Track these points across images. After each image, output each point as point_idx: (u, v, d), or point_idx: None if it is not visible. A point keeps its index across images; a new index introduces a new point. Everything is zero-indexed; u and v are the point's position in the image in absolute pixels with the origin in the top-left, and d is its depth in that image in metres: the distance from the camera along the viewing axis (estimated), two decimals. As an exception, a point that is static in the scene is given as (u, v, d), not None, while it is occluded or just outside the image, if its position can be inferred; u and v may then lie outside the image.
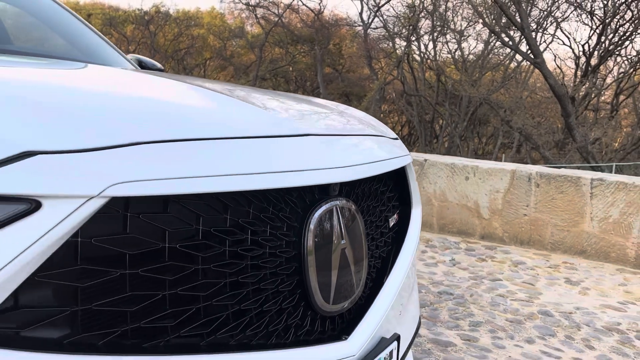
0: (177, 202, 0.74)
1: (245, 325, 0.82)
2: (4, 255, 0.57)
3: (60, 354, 0.63)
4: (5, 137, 0.62)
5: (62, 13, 2.33)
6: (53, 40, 2.10)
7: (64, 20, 2.29)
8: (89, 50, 2.13)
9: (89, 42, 2.23)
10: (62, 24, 2.25)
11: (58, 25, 2.23)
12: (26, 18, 2.20)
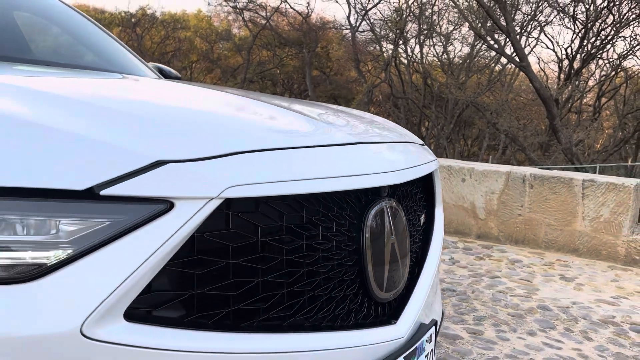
0: (265, 202, 0.86)
1: (317, 309, 0.94)
2: (149, 247, 0.69)
3: (182, 330, 0.75)
4: (137, 149, 0.74)
5: (85, 22, 2.43)
6: (81, 51, 2.19)
7: (88, 29, 2.38)
8: (115, 60, 2.23)
9: (114, 51, 2.33)
10: (86, 33, 2.35)
11: (84, 35, 2.32)
12: (53, 29, 2.29)
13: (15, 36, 1.97)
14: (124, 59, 2.29)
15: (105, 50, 2.29)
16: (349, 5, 23.66)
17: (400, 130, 1.50)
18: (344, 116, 1.39)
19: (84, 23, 2.43)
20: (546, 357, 2.41)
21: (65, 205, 0.67)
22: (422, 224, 1.40)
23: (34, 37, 2.11)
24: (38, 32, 2.16)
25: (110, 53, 2.28)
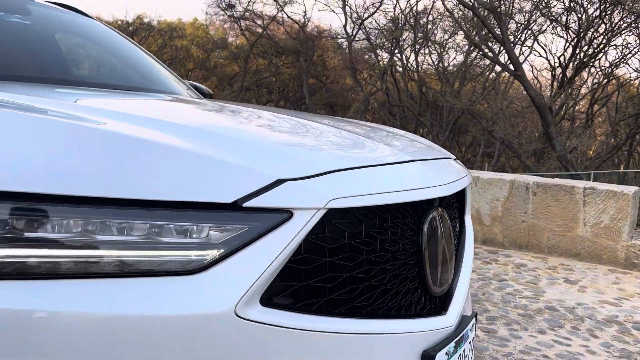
0: (348, 211, 1.05)
1: (388, 300, 1.14)
2: (278, 247, 0.88)
3: (296, 313, 0.93)
4: (263, 170, 0.93)
5: (125, 42, 2.61)
6: (130, 72, 2.37)
7: (131, 50, 2.57)
8: (165, 81, 2.40)
9: (161, 71, 2.51)
10: (131, 54, 2.53)
11: (130, 57, 2.50)
12: (99, 50, 2.46)
13: (63, 60, 2.15)
14: (169, 79, 2.48)
15: (154, 71, 2.46)
16: (345, 14, 23.97)
17: (436, 147, 1.70)
18: (395, 136, 1.58)
19: (127, 44, 2.61)
20: (557, 353, 2.61)
21: (217, 214, 0.86)
22: (457, 228, 1.60)
23: (87, 61, 2.29)
24: (91, 56, 2.34)
25: (159, 74, 2.45)
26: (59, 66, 2.04)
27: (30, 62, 1.91)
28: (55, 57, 2.08)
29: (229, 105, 1.87)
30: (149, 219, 0.82)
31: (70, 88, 1.69)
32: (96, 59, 2.38)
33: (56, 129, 0.95)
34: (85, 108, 1.30)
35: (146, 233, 0.82)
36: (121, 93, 1.80)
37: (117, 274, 0.80)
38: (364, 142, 1.35)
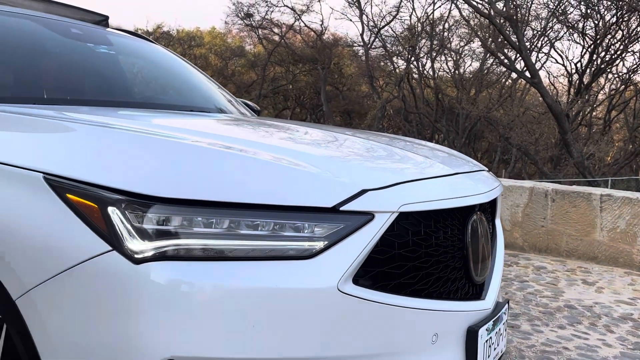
0: (411, 214, 1.34)
1: (441, 285, 1.42)
2: (364, 240, 1.17)
3: (376, 291, 1.22)
4: (351, 182, 1.23)
5: (188, 67, 2.94)
6: (195, 94, 2.68)
7: (193, 73, 2.89)
8: (221, 101, 2.72)
9: (217, 92, 2.83)
10: (193, 77, 2.85)
11: (191, 79, 2.82)
12: (170, 75, 2.78)
13: (147, 85, 2.48)
14: (229, 99, 2.79)
15: (216, 92, 2.78)
16: (362, 23, 24.30)
17: (472, 160, 1.99)
18: (437, 152, 1.88)
19: (190, 69, 2.93)
20: (576, 345, 2.86)
21: (322, 216, 1.15)
22: (491, 231, 1.88)
23: (164, 86, 2.62)
24: (165, 81, 2.66)
25: (221, 95, 2.77)
26: (145, 91, 2.37)
27: (124, 89, 2.24)
28: (140, 83, 2.41)
29: (290, 124, 2.18)
30: (275, 219, 1.13)
31: (162, 112, 2.02)
32: (169, 84, 2.68)
33: (205, 151, 1.26)
34: (205, 134, 1.61)
35: (273, 229, 1.12)
36: (202, 115, 2.12)
37: (259, 257, 1.10)
38: (416, 158, 1.64)
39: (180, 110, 2.24)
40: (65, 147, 1.25)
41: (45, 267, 1.09)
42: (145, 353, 1.03)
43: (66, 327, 1.07)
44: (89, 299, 1.05)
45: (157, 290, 1.04)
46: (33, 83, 1.98)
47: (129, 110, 1.96)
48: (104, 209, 1.08)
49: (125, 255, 1.05)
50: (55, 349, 1.08)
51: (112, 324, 1.04)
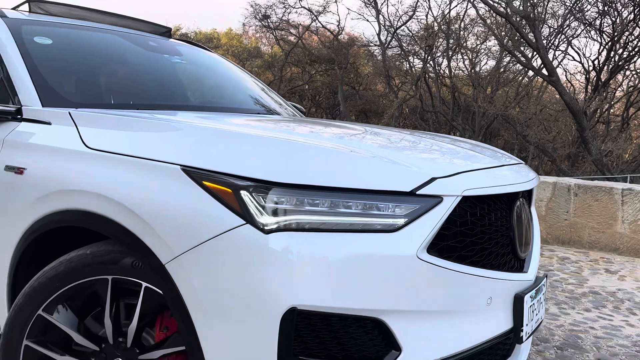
0: (469, 198, 1.62)
1: (493, 259, 1.70)
2: (435, 218, 1.45)
3: (442, 259, 1.50)
4: (423, 171, 1.51)
5: (243, 72, 3.24)
6: (257, 98, 2.98)
7: (247, 78, 3.19)
8: (280, 103, 3.02)
9: (274, 96, 3.13)
10: (251, 83, 3.15)
11: (250, 85, 3.12)
12: (231, 81, 3.08)
13: (217, 90, 2.79)
14: (284, 102, 3.09)
15: (273, 96, 3.08)
16: (379, 23, 24.52)
17: (512, 155, 2.26)
18: (483, 148, 2.15)
19: (247, 75, 3.23)
20: (601, 325, 3.12)
21: (402, 198, 1.44)
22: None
23: (228, 91, 2.92)
24: (229, 86, 2.96)
25: (277, 98, 3.07)
26: (217, 95, 2.68)
27: (203, 95, 2.55)
28: (212, 88, 2.72)
29: (345, 123, 2.47)
30: (365, 200, 1.41)
31: (244, 115, 2.33)
32: (237, 90, 2.98)
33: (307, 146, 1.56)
34: (293, 132, 1.91)
35: (364, 208, 1.41)
36: (274, 117, 2.43)
37: (355, 230, 1.39)
38: (466, 152, 1.93)
39: (256, 113, 2.55)
40: (194, 144, 1.56)
41: (189, 238, 1.39)
42: (273, 303, 1.32)
43: (209, 285, 1.37)
44: (227, 262, 1.35)
45: (282, 254, 1.33)
46: (140, 92, 2.30)
47: (214, 113, 2.27)
48: (237, 192, 1.38)
49: (256, 228, 1.35)
50: (200, 302, 1.38)
51: (247, 281, 1.34)
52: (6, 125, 1.93)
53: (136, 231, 1.46)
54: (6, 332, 1.65)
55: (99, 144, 1.65)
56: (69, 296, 1.61)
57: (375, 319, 1.39)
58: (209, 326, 1.38)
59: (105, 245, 1.60)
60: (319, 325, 1.36)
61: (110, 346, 1.60)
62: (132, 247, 1.50)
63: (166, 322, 1.62)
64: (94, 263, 1.57)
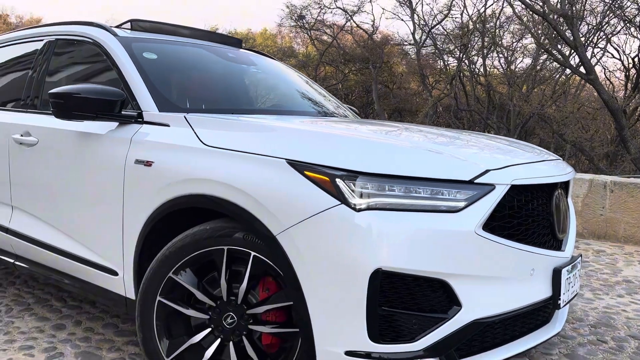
0: (516, 187, 1.96)
1: (535, 237, 2.04)
2: (489, 203, 1.80)
3: (494, 235, 1.86)
4: (478, 163, 1.87)
5: (306, 79, 3.64)
6: (320, 101, 3.37)
7: (310, 85, 3.59)
8: (340, 106, 3.40)
9: (333, 100, 3.51)
10: (310, 88, 3.55)
11: (311, 90, 3.52)
12: (295, 87, 3.48)
13: (290, 95, 3.20)
14: (340, 105, 3.48)
15: (332, 100, 3.47)
16: (414, 22, 24.65)
17: (550, 152, 2.59)
18: (522, 145, 2.49)
19: (307, 80, 3.63)
20: (633, 309, 3.40)
21: (463, 185, 1.80)
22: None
23: (295, 95, 3.32)
24: (295, 91, 3.36)
25: (336, 102, 3.46)
26: (291, 100, 3.09)
27: (279, 99, 2.96)
28: (284, 93, 3.13)
29: (402, 124, 2.84)
30: (433, 187, 1.78)
31: (316, 117, 2.73)
32: (304, 95, 3.37)
33: (383, 143, 1.95)
34: (366, 131, 2.30)
35: (431, 193, 1.78)
36: (339, 118, 2.81)
37: (425, 210, 1.75)
38: (511, 149, 2.27)
39: (327, 115, 2.95)
40: (294, 142, 1.95)
41: (296, 215, 1.78)
42: (363, 265, 1.70)
43: (312, 251, 1.76)
44: (326, 233, 1.74)
45: (369, 228, 1.71)
46: (232, 98, 2.72)
47: (292, 116, 2.67)
48: (333, 179, 1.77)
49: (349, 207, 1.73)
50: (305, 265, 1.77)
51: (342, 248, 1.72)
52: (130, 127, 2.36)
53: (252, 210, 1.86)
54: (143, 290, 2.09)
55: (214, 142, 2.06)
56: (192, 262, 2.03)
57: (442, 280, 1.76)
58: (312, 284, 1.77)
59: (221, 222, 2.01)
60: (397, 284, 1.74)
61: (224, 303, 2.02)
62: (245, 223, 1.91)
63: (267, 284, 2.02)
64: (213, 236, 1.98)
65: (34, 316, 3.04)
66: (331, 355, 1.77)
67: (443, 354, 1.77)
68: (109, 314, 3.09)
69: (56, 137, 2.64)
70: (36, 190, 2.75)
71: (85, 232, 2.50)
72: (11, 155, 2.88)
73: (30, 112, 2.92)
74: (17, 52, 3.30)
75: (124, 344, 2.70)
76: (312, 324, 1.79)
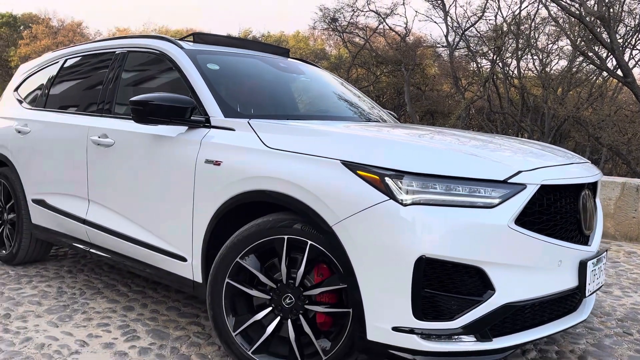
0: (545, 187, 2.19)
1: (564, 232, 2.27)
2: (521, 200, 2.04)
3: (525, 229, 2.09)
4: (511, 165, 2.11)
5: (348, 86, 3.91)
6: (363, 108, 3.63)
7: (354, 92, 3.86)
8: (382, 112, 3.67)
9: (376, 106, 3.78)
10: (354, 95, 3.82)
11: (353, 96, 3.79)
12: (341, 94, 3.76)
13: (336, 101, 3.48)
14: (381, 110, 3.74)
15: (375, 106, 3.75)
16: (447, 25, 24.66)
17: (578, 155, 2.79)
18: (553, 149, 2.70)
19: (350, 87, 3.90)
20: (661, 306, 3.55)
21: (497, 184, 2.04)
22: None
23: (340, 102, 3.60)
24: (340, 97, 3.64)
25: (378, 108, 3.73)
26: (338, 107, 3.38)
27: (326, 105, 3.25)
28: (332, 100, 3.42)
29: (440, 129, 3.08)
30: (471, 185, 2.03)
31: (362, 122, 3.01)
32: (348, 102, 3.65)
33: (426, 147, 2.22)
34: (411, 135, 2.57)
35: (470, 190, 2.03)
36: (383, 124, 3.08)
37: (464, 206, 2.00)
38: (542, 152, 2.50)
39: (371, 120, 3.22)
40: (347, 145, 2.22)
41: (349, 208, 2.05)
42: (408, 253, 1.96)
43: (364, 240, 2.02)
44: (377, 225, 2.01)
45: (414, 220, 1.97)
46: (287, 105, 3.03)
47: (339, 121, 2.95)
48: (382, 178, 2.03)
49: (397, 202, 2.00)
50: (358, 252, 2.04)
51: (390, 237, 1.99)
52: (199, 130, 2.68)
53: (310, 204, 2.15)
54: (213, 273, 2.39)
55: (276, 144, 2.36)
56: (256, 249, 2.33)
57: (477, 267, 2.00)
58: (364, 269, 2.04)
59: (282, 215, 2.30)
60: (438, 269, 1.99)
61: (283, 285, 2.31)
62: (304, 216, 2.20)
63: (321, 270, 2.30)
64: (275, 227, 2.28)
65: (105, 299, 3.40)
66: (380, 330, 2.04)
67: (478, 332, 2.02)
68: (170, 299, 3.42)
69: (131, 139, 2.98)
70: (112, 186, 3.10)
71: (157, 223, 2.83)
72: (89, 154, 3.24)
73: (106, 117, 3.27)
74: (92, 62, 3.68)
75: (188, 324, 3.02)
76: (364, 304, 2.06)
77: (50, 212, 3.60)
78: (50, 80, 3.96)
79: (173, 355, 2.64)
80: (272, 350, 2.34)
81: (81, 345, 2.72)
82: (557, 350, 2.80)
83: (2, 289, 3.55)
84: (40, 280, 3.77)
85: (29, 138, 3.77)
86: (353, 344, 2.19)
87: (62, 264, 4.19)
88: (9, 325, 2.96)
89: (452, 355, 2.02)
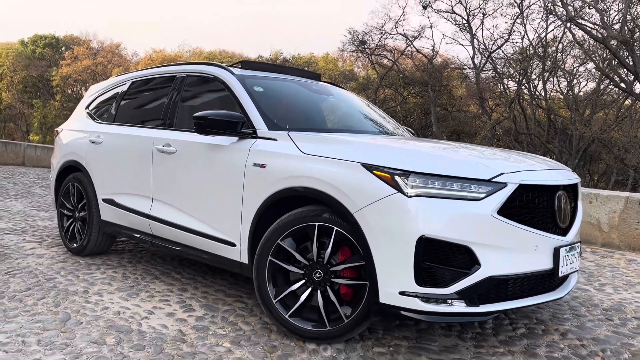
0: (523, 187, 2.74)
1: (541, 224, 2.81)
2: (501, 197, 2.61)
3: (506, 218, 2.65)
4: (494, 167, 2.68)
5: (370, 104, 4.53)
6: (382, 124, 4.25)
7: (375, 109, 4.47)
8: (397, 127, 4.28)
9: (393, 122, 4.39)
10: (375, 112, 4.43)
11: (374, 113, 4.40)
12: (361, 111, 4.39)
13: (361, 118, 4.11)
14: (398, 126, 4.35)
15: (392, 121, 4.36)
16: (473, 47, 25.18)
17: (558, 163, 3.33)
18: (534, 157, 3.25)
19: (371, 106, 4.53)
20: (646, 301, 4.01)
21: (482, 182, 2.60)
22: (573, 204, 3.21)
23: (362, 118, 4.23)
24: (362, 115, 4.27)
25: (396, 124, 4.35)
26: (360, 122, 4.01)
27: (350, 121, 3.89)
28: (355, 116, 4.05)
29: (449, 142, 3.66)
30: (461, 182, 2.60)
31: (382, 135, 3.62)
32: (369, 118, 4.28)
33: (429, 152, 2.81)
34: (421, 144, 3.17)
35: (461, 186, 2.60)
36: (399, 136, 3.69)
37: (456, 198, 2.57)
38: (523, 159, 3.05)
39: (386, 134, 3.83)
40: (366, 151, 2.83)
41: (366, 199, 2.65)
42: (412, 234, 2.54)
43: (378, 225, 2.60)
44: (388, 212, 2.59)
45: (417, 209, 2.55)
46: (318, 120, 3.68)
47: (361, 134, 3.57)
48: (393, 176, 2.63)
49: (403, 194, 2.58)
50: (373, 234, 2.63)
51: (398, 222, 2.56)
52: (247, 140, 3.33)
53: (336, 196, 2.75)
54: (259, 253, 3.01)
55: (310, 151, 2.98)
56: (293, 233, 2.94)
57: (466, 246, 2.57)
58: (378, 247, 2.63)
59: (313, 206, 2.91)
60: (435, 247, 2.56)
61: (314, 263, 2.91)
62: (331, 206, 2.80)
63: (344, 251, 2.89)
64: (308, 216, 2.89)
65: (163, 282, 4.05)
66: (390, 294, 2.61)
67: (467, 297, 2.57)
68: (216, 284, 4.05)
69: (191, 147, 3.65)
70: (173, 186, 3.77)
71: (211, 216, 3.47)
72: (154, 160, 3.92)
73: (168, 129, 3.96)
74: (155, 84, 4.40)
75: (233, 302, 3.64)
76: (377, 275, 2.64)
77: (118, 209, 4.29)
78: (119, 99, 4.70)
79: (223, 322, 3.25)
80: (304, 315, 2.93)
81: (149, 313, 3.36)
82: (543, 329, 3.31)
83: (77, 273, 4.24)
84: (107, 268, 4.45)
85: (102, 147, 4.50)
86: (369, 311, 2.76)
87: (123, 256, 4.87)
88: (89, 298, 3.62)
89: (447, 315, 2.58)
